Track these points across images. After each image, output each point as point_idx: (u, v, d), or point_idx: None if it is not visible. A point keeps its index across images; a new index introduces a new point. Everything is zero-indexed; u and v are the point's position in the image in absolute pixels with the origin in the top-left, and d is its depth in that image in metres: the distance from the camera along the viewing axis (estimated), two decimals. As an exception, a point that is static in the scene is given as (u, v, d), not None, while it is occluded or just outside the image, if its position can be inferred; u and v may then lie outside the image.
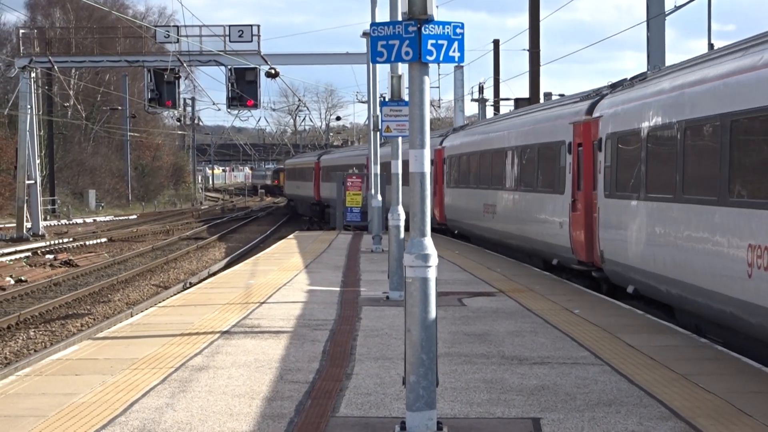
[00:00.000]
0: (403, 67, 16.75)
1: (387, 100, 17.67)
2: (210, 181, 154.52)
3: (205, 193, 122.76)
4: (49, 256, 37.03)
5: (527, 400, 9.26)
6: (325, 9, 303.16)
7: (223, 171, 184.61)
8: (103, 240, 45.73)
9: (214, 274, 27.97)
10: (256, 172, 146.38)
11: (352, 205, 38.73)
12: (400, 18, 8.18)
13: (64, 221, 61.16)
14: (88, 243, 43.70)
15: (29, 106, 46.58)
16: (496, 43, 56.39)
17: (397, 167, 17.33)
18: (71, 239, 45.13)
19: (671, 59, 39.01)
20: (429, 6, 7.79)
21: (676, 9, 24.64)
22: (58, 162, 71.08)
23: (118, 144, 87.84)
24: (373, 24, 8.13)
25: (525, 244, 24.05)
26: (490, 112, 55.40)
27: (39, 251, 38.82)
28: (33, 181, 47.51)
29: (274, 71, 40.73)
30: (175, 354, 11.71)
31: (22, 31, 51.29)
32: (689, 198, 13.63)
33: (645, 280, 15.71)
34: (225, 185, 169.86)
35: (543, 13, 51.29)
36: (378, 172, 29.94)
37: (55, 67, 47.54)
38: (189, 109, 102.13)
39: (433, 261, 7.96)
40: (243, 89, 42.93)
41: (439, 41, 7.85)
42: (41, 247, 40.38)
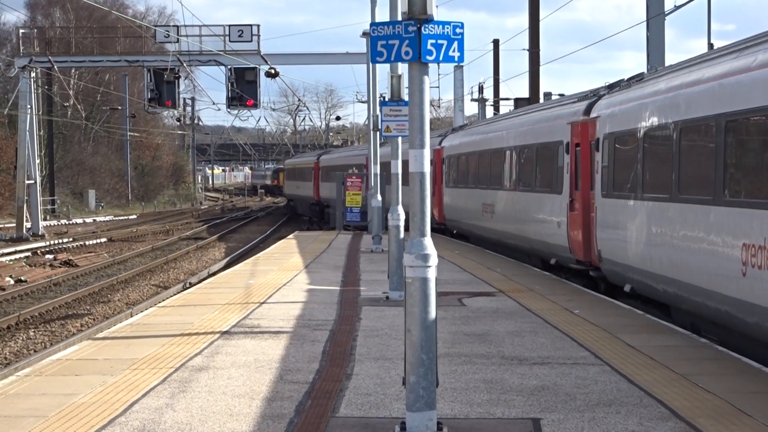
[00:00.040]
0: (402, 67, 16.74)
1: (387, 99, 17.67)
2: (210, 181, 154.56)
3: (205, 193, 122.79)
4: (49, 256, 37.02)
5: (527, 401, 9.26)
6: (325, 9, 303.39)
7: (223, 171, 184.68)
8: (103, 240, 45.73)
9: (214, 274, 27.96)
10: (256, 172, 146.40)
11: (351, 205, 38.70)
12: (399, 18, 8.18)
13: (63, 221, 61.15)
14: (87, 243, 43.70)
15: (29, 106, 46.56)
16: (496, 42, 56.42)
17: (397, 167, 17.35)
18: (71, 239, 45.13)
19: (671, 59, 39.02)
20: (429, 6, 7.79)
21: (676, 9, 24.66)
22: (58, 162, 71.08)
23: (118, 144, 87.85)
24: (372, 24, 8.13)
25: (523, 244, 24.09)
26: (490, 112, 55.41)
27: (39, 251, 38.82)
28: (33, 181, 47.49)
29: (274, 71, 40.71)
30: (175, 354, 11.71)
31: (22, 30, 51.25)
32: (685, 198, 13.75)
33: (642, 279, 15.81)
34: (225, 185, 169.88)
35: (543, 13, 51.31)
36: (378, 172, 29.94)
37: (55, 66, 47.54)
38: (189, 108, 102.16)
39: (433, 261, 7.96)
40: (243, 89, 42.92)
41: (439, 41, 7.85)
42: (41, 247, 40.37)
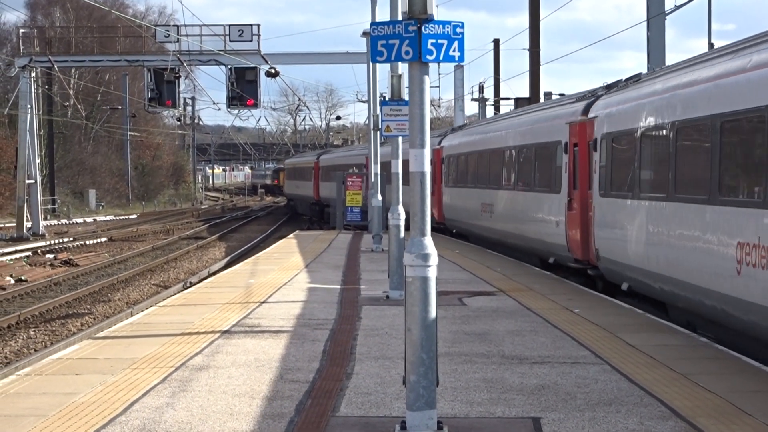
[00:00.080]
0: (403, 67, 16.74)
1: (387, 99, 17.68)
2: (210, 181, 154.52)
3: (205, 193, 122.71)
4: (49, 256, 37.03)
5: (527, 400, 9.26)
6: (325, 8, 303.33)
7: (223, 170, 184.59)
8: (103, 239, 45.73)
9: (214, 274, 27.97)
10: (256, 171, 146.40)
11: (352, 205, 38.70)
12: (400, 17, 8.18)
13: (64, 221, 61.15)
14: (88, 242, 43.71)
15: (29, 106, 46.56)
16: (496, 42, 56.43)
17: (397, 167, 17.35)
18: (71, 239, 45.14)
19: (671, 59, 39.03)
20: (429, 5, 7.79)
21: (676, 8, 24.68)
22: (58, 161, 71.08)
23: (118, 143, 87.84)
24: (373, 23, 8.13)
25: (522, 243, 24.17)
26: (490, 112, 55.43)
27: (39, 251, 38.83)
28: (33, 181, 47.50)
29: (274, 71, 40.72)
30: (176, 353, 11.71)
31: (22, 30, 51.21)
32: (681, 197, 13.89)
33: (639, 278, 15.95)
34: (225, 185, 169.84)
35: (543, 13, 51.30)
36: (378, 171, 29.94)
37: (55, 66, 47.53)
38: (189, 108, 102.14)
39: (434, 260, 7.96)
40: (243, 89, 42.90)
41: (439, 41, 7.86)
42: (41, 246, 40.39)
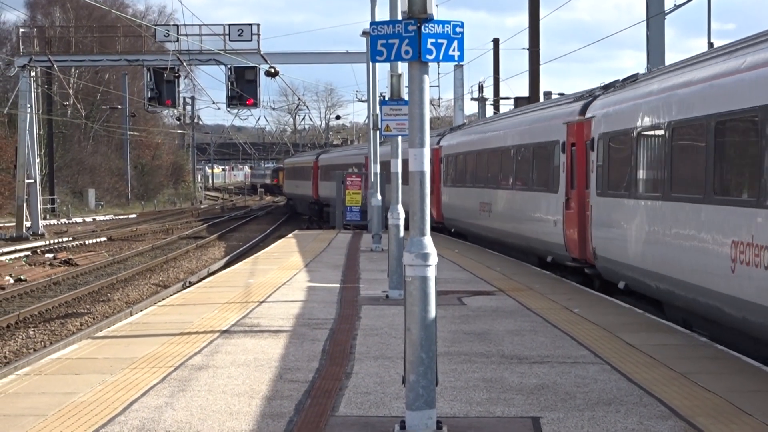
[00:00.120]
0: (402, 66, 16.75)
1: (387, 99, 17.69)
2: (209, 180, 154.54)
3: (205, 192, 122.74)
4: (49, 255, 37.02)
5: (527, 399, 9.26)
6: (325, 8, 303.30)
7: (223, 170, 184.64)
8: (103, 239, 45.72)
9: (213, 273, 27.96)
10: (256, 171, 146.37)
11: (351, 204, 38.68)
12: (399, 17, 8.18)
13: (63, 220, 61.14)
14: (87, 242, 43.70)
15: (29, 105, 46.55)
16: (496, 42, 56.42)
17: (397, 166, 17.37)
18: (71, 238, 45.13)
19: (671, 58, 39.04)
20: (428, 5, 7.79)
21: (676, 8, 24.69)
22: (58, 161, 71.07)
23: (118, 143, 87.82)
24: (372, 23, 8.12)
25: (520, 242, 24.28)
26: (490, 111, 55.43)
27: (38, 250, 38.82)
28: (32, 180, 47.49)
29: (273, 70, 40.69)
30: (175, 353, 11.71)
31: (21, 30, 51.18)
32: (677, 196, 14.04)
33: (635, 276, 16.08)
34: (224, 184, 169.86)
35: (542, 12, 51.30)
36: (378, 171, 29.94)
37: (55, 66, 47.51)
38: (189, 108, 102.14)
39: (433, 260, 7.96)
40: (243, 88, 42.89)
41: (439, 40, 7.86)
42: (41, 246, 40.38)
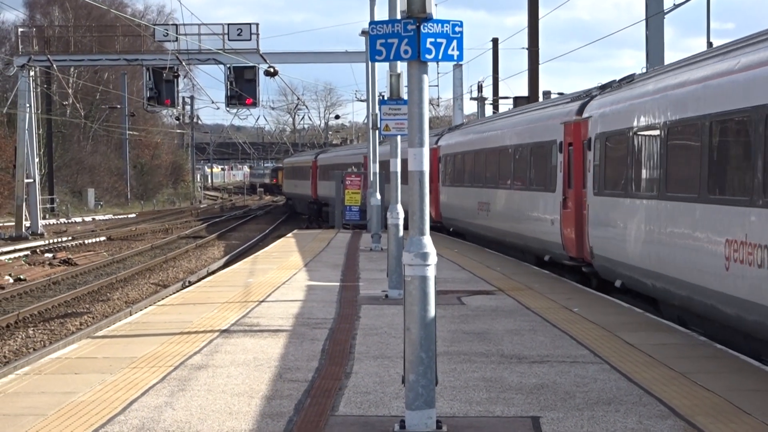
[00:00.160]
0: (402, 66, 16.74)
1: (386, 98, 17.68)
2: (209, 180, 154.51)
3: (204, 192, 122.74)
4: (48, 255, 37.02)
5: (526, 399, 9.26)
6: (325, 7, 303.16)
7: (222, 170, 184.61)
8: (102, 239, 45.71)
9: (213, 273, 27.96)
10: (255, 170, 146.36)
11: (351, 204, 38.67)
12: (399, 16, 8.17)
13: (63, 220, 61.14)
14: (87, 242, 43.68)
15: (28, 105, 46.54)
16: (495, 41, 56.39)
17: (396, 165, 17.37)
18: (70, 238, 45.12)
19: (670, 57, 39.07)
20: (428, 4, 7.79)
21: (675, 7, 24.70)
22: (57, 161, 71.06)
23: (117, 142, 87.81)
24: (372, 22, 8.12)
25: (518, 241, 24.37)
26: (489, 111, 55.38)
27: (38, 250, 38.81)
28: (32, 180, 47.48)
29: (273, 70, 40.66)
30: (174, 353, 11.71)
31: (20, 29, 51.10)
32: (672, 195, 14.18)
33: (631, 275, 16.21)
34: (224, 184, 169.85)
35: (542, 12, 51.26)
36: (377, 170, 29.94)
37: (54, 65, 47.48)
38: (188, 107, 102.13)
39: (432, 259, 7.96)
40: (242, 88, 42.87)
41: (438, 40, 7.85)
42: (40, 245, 40.37)
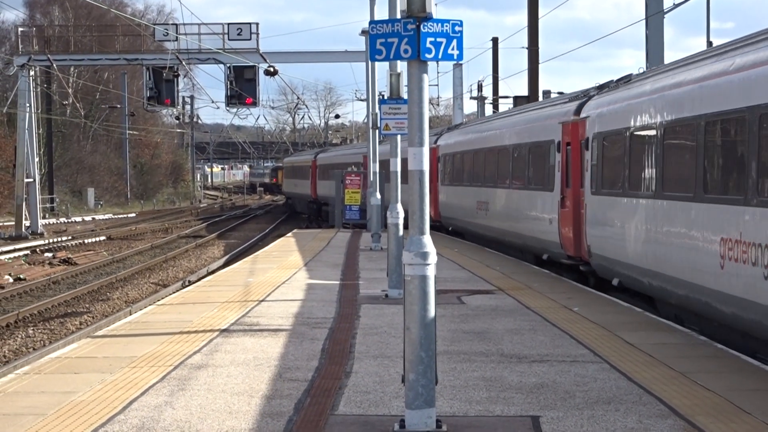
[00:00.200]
0: (402, 65, 16.73)
1: (386, 98, 17.68)
2: (209, 179, 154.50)
3: (204, 191, 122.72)
4: (48, 255, 37.02)
5: (526, 398, 9.26)
6: (325, 7, 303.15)
7: (222, 169, 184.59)
8: (102, 238, 45.71)
9: (213, 273, 27.96)
10: (255, 170, 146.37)
11: (350, 203, 38.66)
12: (399, 16, 8.17)
13: (62, 219, 61.13)
14: (86, 241, 43.68)
15: (28, 105, 46.54)
16: (495, 40, 56.40)
17: (396, 165, 17.37)
18: (70, 237, 45.12)
19: (670, 57, 39.05)
20: (428, 4, 7.79)
21: (675, 7, 24.74)
22: (57, 160, 71.06)
23: (117, 142, 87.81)
24: (372, 22, 8.12)
25: (517, 240, 24.47)
26: (489, 110, 55.39)
27: (38, 249, 38.81)
28: (32, 180, 47.48)
29: (273, 69, 40.65)
30: (174, 352, 11.71)
31: (20, 29, 51.08)
32: (668, 195, 14.28)
33: (628, 273, 16.33)
34: (224, 183, 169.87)
35: (542, 11, 51.28)
36: (377, 170, 29.94)
37: (54, 65, 47.47)
38: (188, 107, 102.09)
39: (432, 259, 7.96)
40: (242, 87, 42.86)
41: (438, 39, 7.85)
42: (40, 245, 40.37)
